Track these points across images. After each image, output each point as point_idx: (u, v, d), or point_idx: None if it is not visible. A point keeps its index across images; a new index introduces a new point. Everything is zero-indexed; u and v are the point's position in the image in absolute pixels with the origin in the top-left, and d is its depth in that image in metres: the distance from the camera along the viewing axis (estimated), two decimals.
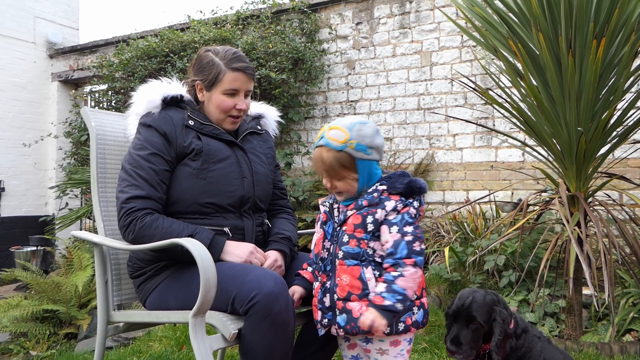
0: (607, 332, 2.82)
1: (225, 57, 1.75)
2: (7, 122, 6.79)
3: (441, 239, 4.27)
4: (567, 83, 2.47)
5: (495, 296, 1.52)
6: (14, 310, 3.42)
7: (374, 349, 1.52)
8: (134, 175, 1.65)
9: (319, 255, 1.55)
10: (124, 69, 5.24)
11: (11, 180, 6.81)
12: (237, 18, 5.45)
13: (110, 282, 1.80)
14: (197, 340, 1.44)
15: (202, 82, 1.78)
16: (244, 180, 1.76)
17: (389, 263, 1.43)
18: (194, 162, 1.69)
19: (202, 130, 1.75)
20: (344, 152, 1.48)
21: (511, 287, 3.40)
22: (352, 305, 1.46)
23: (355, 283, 1.46)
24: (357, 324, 1.44)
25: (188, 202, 1.68)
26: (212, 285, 1.43)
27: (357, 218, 1.49)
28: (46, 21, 7.25)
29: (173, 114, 1.74)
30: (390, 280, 1.41)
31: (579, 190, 2.76)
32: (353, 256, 1.47)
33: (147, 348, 2.74)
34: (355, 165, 1.49)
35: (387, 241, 1.46)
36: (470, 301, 1.49)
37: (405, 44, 4.92)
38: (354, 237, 1.48)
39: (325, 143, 1.49)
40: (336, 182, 1.51)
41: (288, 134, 5.46)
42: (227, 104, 1.76)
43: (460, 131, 4.66)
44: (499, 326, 1.44)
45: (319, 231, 1.60)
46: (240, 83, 1.76)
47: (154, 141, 1.68)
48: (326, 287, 1.52)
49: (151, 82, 1.80)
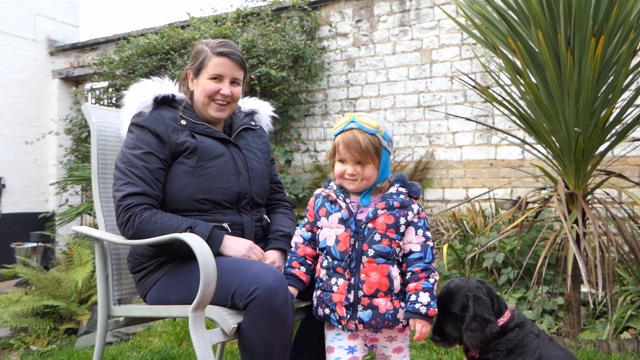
0: (605, 329, 2.83)
1: (212, 45, 1.79)
2: (8, 119, 6.80)
3: (440, 237, 4.28)
4: (566, 81, 2.47)
5: (483, 286, 1.54)
6: (15, 306, 3.44)
7: (383, 337, 1.58)
8: (129, 173, 1.66)
9: (346, 253, 1.54)
10: (125, 66, 5.25)
11: (12, 176, 6.82)
12: (238, 15, 5.45)
13: (110, 277, 1.82)
14: (196, 334, 1.45)
15: (191, 70, 1.81)
16: (240, 177, 1.77)
17: (420, 267, 1.51)
18: (189, 160, 1.71)
19: (195, 129, 1.76)
20: (376, 137, 1.53)
21: (510, 285, 3.42)
22: (379, 301, 1.50)
23: (383, 280, 1.51)
24: (383, 320, 1.50)
25: (185, 200, 1.70)
26: (211, 280, 1.44)
27: (389, 218, 1.53)
28: (47, 18, 7.26)
29: (165, 113, 1.75)
30: (430, 288, 1.50)
31: (578, 188, 2.77)
32: (383, 255, 1.52)
33: (147, 343, 2.76)
34: (380, 154, 1.54)
35: (410, 242, 1.54)
36: (444, 291, 1.55)
37: (406, 42, 4.92)
38: (386, 237, 1.52)
39: (359, 126, 1.53)
40: (362, 167, 1.53)
41: (288, 132, 5.47)
42: (210, 87, 1.77)
43: (460, 129, 4.67)
44: (470, 311, 1.48)
45: (334, 226, 1.57)
46: (225, 68, 1.78)
47: (147, 140, 1.70)
48: (350, 283, 1.52)
49: (143, 81, 1.81)
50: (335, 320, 1.54)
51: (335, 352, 1.55)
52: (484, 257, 3.66)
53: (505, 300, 1.69)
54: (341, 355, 1.54)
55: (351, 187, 1.58)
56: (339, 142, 1.55)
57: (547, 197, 2.99)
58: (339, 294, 1.52)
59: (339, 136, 1.56)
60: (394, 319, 1.52)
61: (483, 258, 3.66)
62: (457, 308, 1.51)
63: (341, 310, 1.52)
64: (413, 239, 1.55)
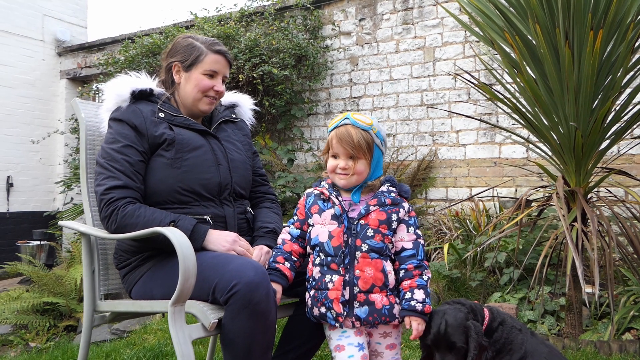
0: (606, 330, 2.77)
1: (206, 42, 1.82)
2: (16, 119, 6.88)
3: (443, 236, 4.23)
4: (565, 75, 2.43)
5: (466, 308, 1.50)
6: (15, 303, 3.47)
7: (378, 333, 1.58)
8: (109, 167, 1.66)
9: (340, 248, 1.53)
10: (129, 66, 5.28)
11: (19, 176, 6.89)
12: (241, 15, 5.46)
13: (97, 272, 1.81)
14: (175, 329, 1.43)
15: (181, 62, 1.81)
16: (220, 167, 1.76)
17: (413, 264, 1.53)
18: (167, 152, 1.70)
19: (173, 122, 1.76)
20: (369, 134, 1.56)
21: (511, 284, 3.36)
22: (375, 297, 1.50)
23: (378, 275, 1.51)
24: (380, 316, 1.50)
25: (165, 192, 1.69)
26: (191, 274, 1.43)
27: (381, 214, 1.55)
28: (55, 19, 7.33)
29: (142, 107, 1.75)
30: (424, 285, 1.52)
31: (579, 185, 2.71)
32: (377, 250, 1.52)
33: (141, 340, 2.75)
34: (372, 150, 1.56)
35: (402, 239, 1.56)
36: (445, 327, 1.48)
37: (409, 40, 4.89)
38: (379, 232, 1.53)
39: (352, 122, 1.56)
40: (353, 162, 1.55)
41: (291, 131, 5.45)
42: (205, 84, 1.79)
43: (464, 127, 4.62)
44: (473, 341, 1.45)
45: (326, 222, 1.56)
46: (220, 66, 1.82)
47: (126, 134, 1.69)
48: (345, 279, 1.51)
49: (120, 76, 1.81)
50: (332, 319, 1.52)
51: (347, 350, 1.52)
52: (485, 257, 3.61)
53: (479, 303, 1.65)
54: (354, 353, 1.51)
55: (342, 183, 1.58)
56: (332, 136, 1.58)
57: (549, 195, 2.93)
58: (335, 291, 1.51)
59: (332, 132, 1.58)
60: (391, 315, 1.52)
61: (485, 257, 3.61)
62: (463, 340, 1.47)
63: (338, 307, 1.50)
64: (405, 237, 1.56)
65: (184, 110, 1.83)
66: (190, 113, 1.83)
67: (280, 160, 5.17)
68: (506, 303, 3.17)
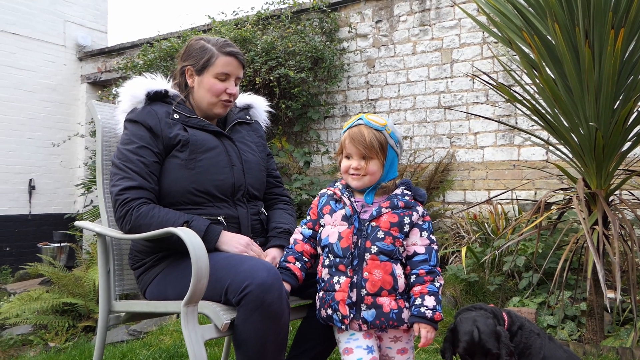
0: (629, 336, 2.70)
1: (217, 44, 1.80)
2: (38, 123, 7.01)
3: (461, 240, 4.18)
4: (585, 75, 2.37)
5: (491, 313, 1.49)
6: (35, 303, 3.53)
7: (388, 338, 1.56)
8: (125, 168, 1.66)
9: (348, 249, 1.52)
10: (148, 70, 5.34)
11: (41, 178, 7.02)
12: (258, 18, 5.48)
13: (112, 272, 1.82)
14: (188, 329, 1.43)
15: (193, 66, 1.80)
16: (234, 169, 1.76)
17: (425, 270, 1.50)
18: (181, 153, 1.70)
19: (187, 123, 1.76)
20: (383, 134, 1.54)
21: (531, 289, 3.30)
22: (382, 300, 1.48)
23: (387, 278, 1.48)
24: (387, 320, 1.48)
25: (179, 193, 1.69)
26: (204, 274, 1.43)
27: (393, 217, 1.52)
28: (76, 25, 7.46)
29: (157, 108, 1.75)
30: (435, 292, 1.48)
31: (600, 187, 2.65)
32: (387, 253, 1.50)
33: (157, 341, 2.77)
34: (386, 151, 1.54)
35: (415, 243, 1.53)
36: (478, 334, 1.48)
37: (426, 42, 4.85)
38: (389, 235, 1.50)
39: (366, 122, 1.55)
40: (366, 162, 1.54)
41: (307, 133, 5.45)
42: (218, 87, 1.78)
43: (482, 129, 4.56)
44: (505, 347, 1.45)
45: (337, 223, 1.56)
46: (232, 68, 1.79)
47: (141, 135, 1.70)
48: (353, 281, 1.50)
49: (135, 78, 1.82)
50: (338, 321, 1.51)
51: (356, 353, 1.50)
52: (504, 260, 3.55)
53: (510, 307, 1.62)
54: (362, 356, 1.49)
55: (355, 184, 1.57)
56: (345, 137, 1.57)
57: (569, 198, 2.87)
58: (342, 292, 1.50)
59: (346, 132, 1.58)
60: (399, 319, 1.49)
61: (503, 261, 3.55)
62: (496, 346, 1.46)
63: (344, 309, 1.49)
64: (417, 241, 1.54)
65: (199, 112, 1.83)
66: (205, 115, 1.83)
67: (296, 163, 5.17)
68: (525, 307, 3.11)
